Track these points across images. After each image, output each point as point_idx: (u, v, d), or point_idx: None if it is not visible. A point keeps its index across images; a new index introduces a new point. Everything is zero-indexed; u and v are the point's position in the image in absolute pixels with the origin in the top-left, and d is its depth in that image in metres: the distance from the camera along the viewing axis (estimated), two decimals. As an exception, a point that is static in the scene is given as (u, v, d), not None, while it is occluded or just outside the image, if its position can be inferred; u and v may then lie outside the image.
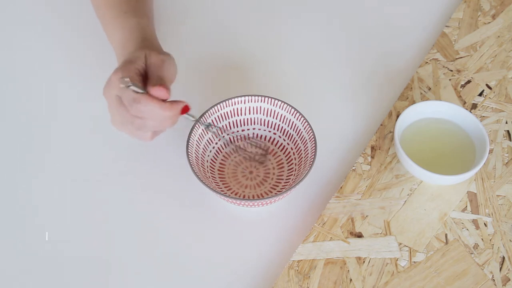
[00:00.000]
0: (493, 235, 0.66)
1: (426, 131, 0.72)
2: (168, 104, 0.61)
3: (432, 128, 0.72)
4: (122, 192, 0.71)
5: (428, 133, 0.72)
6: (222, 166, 0.72)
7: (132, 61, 0.63)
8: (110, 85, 0.62)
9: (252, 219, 0.69)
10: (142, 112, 0.61)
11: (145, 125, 0.62)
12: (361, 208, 0.68)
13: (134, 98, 0.60)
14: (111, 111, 0.64)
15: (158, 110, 0.61)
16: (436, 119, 0.72)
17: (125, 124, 0.63)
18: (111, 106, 0.64)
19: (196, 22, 0.87)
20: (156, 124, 0.63)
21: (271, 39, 0.85)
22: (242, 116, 0.73)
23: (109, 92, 0.63)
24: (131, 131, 0.64)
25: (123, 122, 0.63)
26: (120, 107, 0.62)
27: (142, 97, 0.60)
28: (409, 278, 0.63)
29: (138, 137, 0.65)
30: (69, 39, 0.84)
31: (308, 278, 0.64)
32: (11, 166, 0.74)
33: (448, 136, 0.71)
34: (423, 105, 0.72)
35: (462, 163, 0.68)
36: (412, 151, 0.68)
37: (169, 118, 0.62)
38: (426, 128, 0.72)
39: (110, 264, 0.66)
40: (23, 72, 0.82)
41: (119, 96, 0.62)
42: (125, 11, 0.71)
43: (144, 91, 0.61)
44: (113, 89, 0.62)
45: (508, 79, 0.78)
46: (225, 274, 0.65)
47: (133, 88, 0.60)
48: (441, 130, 0.72)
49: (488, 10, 0.85)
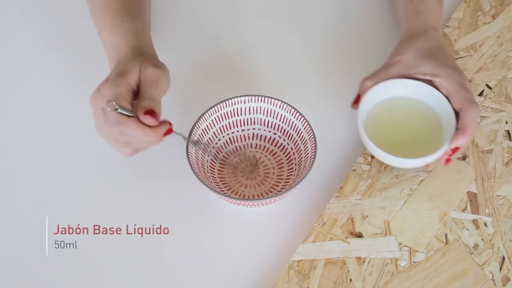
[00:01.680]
0: (493, 235, 0.66)
1: (393, 112, 0.69)
2: (152, 130, 0.61)
3: (398, 109, 0.69)
4: (122, 192, 0.71)
5: (395, 114, 0.69)
6: (222, 166, 0.72)
7: (125, 75, 0.62)
8: (97, 96, 0.62)
9: (252, 219, 0.69)
10: (123, 133, 0.61)
11: (127, 143, 0.63)
12: (361, 208, 0.68)
13: (117, 120, 0.60)
14: (96, 120, 0.64)
15: (141, 135, 0.60)
16: (403, 99, 0.69)
17: (108, 136, 0.63)
18: (95, 116, 0.63)
19: (196, 22, 0.86)
20: (138, 144, 0.63)
21: (271, 39, 0.85)
22: (242, 116, 0.73)
23: (95, 103, 0.62)
24: (112, 144, 0.64)
25: (106, 133, 0.63)
26: (104, 121, 0.62)
27: (125, 121, 0.60)
28: (409, 278, 0.63)
29: (118, 150, 0.65)
30: (69, 39, 0.84)
31: (308, 278, 0.64)
32: (11, 165, 0.74)
33: (416, 116, 0.69)
34: (388, 85, 0.68)
35: (430, 144, 0.66)
36: (377, 134, 0.67)
37: (152, 142, 0.62)
38: (392, 108, 0.69)
39: (109, 264, 0.66)
40: (23, 72, 0.82)
41: (104, 110, 0.61)
42: (121, 15, 0.70)
43: (132, 115, 0.60)
44: (100, 102, 0.61)
45: (508, 79, 0.78)
46: (225, 274, 0.65)
47: (120, 111, 0.59)
48: (409, 110, 0.69)
49: (488, 10, 0.85)
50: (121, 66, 0.63)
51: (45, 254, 0.66)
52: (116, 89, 0.60)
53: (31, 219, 0.69)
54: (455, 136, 0.63)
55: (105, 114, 0.61)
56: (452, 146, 0.63)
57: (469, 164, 0.71)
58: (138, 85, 0.63)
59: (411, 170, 0.70)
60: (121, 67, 0.63)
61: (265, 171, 0.72)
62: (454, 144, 0.63)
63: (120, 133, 0.61)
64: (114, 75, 0.62)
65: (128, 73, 0.62)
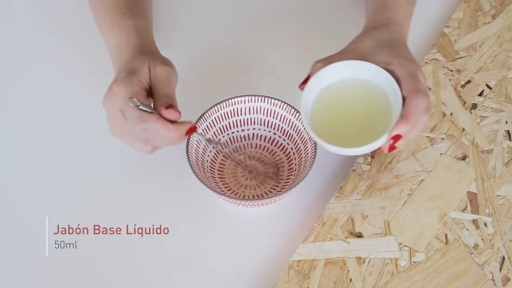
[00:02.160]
0: (493, 235, 0.66)
1: (342, 94, 0.66)
2: (174, 126, 0.60)
3: (348, 91, 0.66)
4: (122, 192, 0.71)
5: (344, 96, 0.66)
6: (222, 166, 0.72)
7: (135, 73, 0.61)
8: (111, 96, 0.61)
9: (252, 219, 0.69)
10: (146, 130, 0.60)
11: (149, 140, 0.62)
12: (361, 208, 0.68)
13: (139, 117, 0.59)
14: (111, 121, 0.63)
15: (164, 131, 0.60)
16: (353, 80, 0.65)
17: (126, 136, 0.63)
18: (111, 117, 0.62)
19: (196, 22, 0.86)
20: (159, 142, 0.62)
21: (271, 39, 0.85)
22: (242, 116, 0.73)
23: (111, 104, 0.61)
24: (132, 144, 0.63)
25: (123, 133, 0.63)
26: (123, 121, 0.61)
27: (148, 117, 0.59)
28: (409, 278, 0.63)
29: (138, 149, 0.64)
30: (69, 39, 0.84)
31: (308, 278, 0.64)
32: (11, 165, 0.74)
33: (365, 98, 0.65)
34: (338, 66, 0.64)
35: (380, 127, 0.62)
36: (325, 118, 0.65)
37: (174, 139, 0.61)
38: (341, 90, 0.66)
39: (109, 264, 0.66)
40: (23, 72, 0.82)
41: (121, 109, 0.60)
42: (123, 13, 0.69)
43: (153, 111, 0.59)
44: (116, 102, 0.60)
45: (508, 79, 0.78)
46: (225, 274, 0.65)
47: (141, 107, 0.59)
48: (359, 91, 0.65)
49: (488, 10, 0.85)
50: (129, 64, 0.63)
51: (45, 254, 0.66)
52: (131, 87, 0.60)
53: (31, 219, 0.69)
54: (397, 123, 0.60)
55: (124, 113, 0.60)
56: (393, 134, 0.60)
57: (469, 164, 0.71)
58: (149, 83, 0.62)
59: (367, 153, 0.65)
60: (130, 65, 0.63)
61: (265, 171, 0.72)
62: (395, 131, 0.60)
63: (143, 129, 0.60)
64: (124, 73, 0.61)
65: (139, 71, 0.61)
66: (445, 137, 0.73)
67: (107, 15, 0.70)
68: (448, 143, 0.73)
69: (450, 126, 0.74)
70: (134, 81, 0.60)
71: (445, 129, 0.74)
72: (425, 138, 0.73)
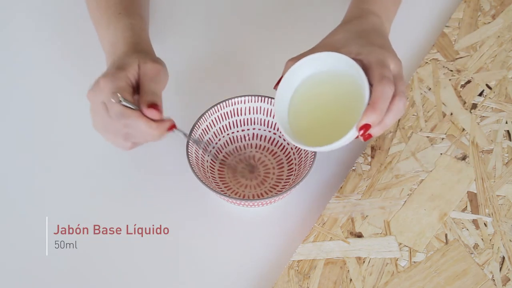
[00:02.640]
0: (493, 235, 0.66)
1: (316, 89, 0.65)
2: (156, 124, 0.60)
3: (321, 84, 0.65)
4: (122, 192, 0.71)
5: (318, 91, 0.65)
6: (222, 166, 0.72)
7: (124, 68, 0.61)
8: (96, 90, 0.61)
9: (252, 219, 0.69)
10: (127, 126, 0.60)
11: (129, 136, 0.62)
12: (361, 208, 0.68)
13: (122, 113, 0.59)
14: (94, 115, 0.63)
15: (145, 128, 0.60)
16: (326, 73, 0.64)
17: (107, 131, 0.63)
18: (94, 111, 0.63)
19: (196, 21, 0.86)
20: (140, 138, 0.62)
21: (272, 39, 0.85)
22: (242, 116, 0.73)
23: (95, 97, 0.61)
24: (112, 139, 0.63)
25: (105, 128, 0.63)
26: (105, 115, 0.61)
27: (131, 114, 0.59)
28: (409, 278, 0.63)
29: (117, 145, 0.64)
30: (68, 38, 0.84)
31: (308, 278, 0.64)
32: (11, 165, 0.74)
33: (340, 90, 0.64)
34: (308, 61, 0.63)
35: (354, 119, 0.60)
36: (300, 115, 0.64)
37: (154, 135, 0.62)
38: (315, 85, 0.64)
39: (109, 264, 0.66)
40: (23, 72, 0.82)
41: (105, 103, 0.60)
42: (119, 12, 0.69)
43: (136, 108, 0.60)
44: (100, 95, 0.61)
45: (508, 79, 0.78)
46: (225, 274, 0.65)
47: (124, 103, 0.59)
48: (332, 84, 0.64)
49: (488, 10, 0.85)
50: (119, 61, 0.63)
51: (45, 254, 0.66)
52: (117, 83, 0.60)
53: (31, 219, 0.69)
54: (364, 112, 0.58)
55: (107, 107, 0.60)
56: (361, 123, 0.59)
57: (469, 164, 0.71)
58: (137, 80, 0.62)
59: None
60: (119, 61, 0.63)
61: (265, 171, 0.72)
62: (364, 120, 0.58)
63: (124, 125, 0.60)
64: (113, 69, 0.62)
65: (127, 68, 0.61)
66: (445, 137, 0.73)
67: (103, 15, 0.70)
68: (448, 143, 0.73)
69: (450, 126, 0.74)
70: (121, 76, 0.60)
71: (445, 129, 0.74)
72: (425, 138, 0.73)
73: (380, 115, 0.59)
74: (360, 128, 0.59)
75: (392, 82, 0.60)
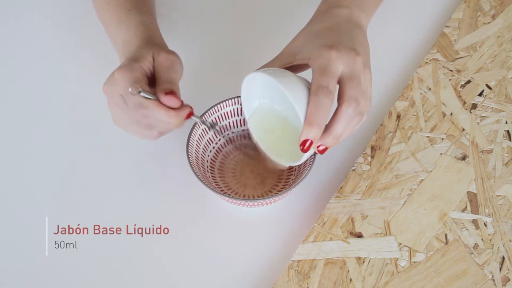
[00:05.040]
0: (493, 235, 0.66)
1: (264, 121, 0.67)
2: (175, 112, 0.60)
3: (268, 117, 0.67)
4: (122, 192, 0.71)
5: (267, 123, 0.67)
6: (222, 166, 0.72)
7: (138, 60, 0.61)
8: (113, 83, 0.60)
9: (252, 219, 0.69)
10: (146, 116, 0.60)
11: (151, 125, 0.61)
12: (361, 208, 0.68)
13: (140, 103, 0.59)
14: (113, 109, 0.62)
15: (164, 117, 0.59)
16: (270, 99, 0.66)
17: (128, 124, 0.62)
18: (112, 104, 0.62)
19: (197, 21, 0.86)
20: (161, 127, 0.62)
21: (272, 39, 0.85)
22: (242, 116, 0.73)
23: (111, 90, 0.61)
24: (136, 130, 0.63)
25: (126, 121, 0.62)
26: (124, 107, 0.60)
27: (149, 104, 0.59)
28: (409, 278, 0.63)
29: (143, 136, 0.63)
30: (68, 38, 0.84)
31: (308, 278, 0.64)
32: (11, 165, 0.74)
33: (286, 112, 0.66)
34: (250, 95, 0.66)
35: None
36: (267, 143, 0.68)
37: (174, 124, 0.61)
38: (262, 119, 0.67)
39: (109, 264, 0.66)
40: (23, 71, 0.82)
41: (122, 96, 0.60)
42: (129, 9, 0.69)
43: (154, 97, 0.59)
44: (117, 88, 0.60)
45: (508, 79, 0.78)
46: (225, 274, 0.65)
47: (143, 94, 0.58)
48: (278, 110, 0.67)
49: (488, 10, 0.85)
50: (134, 54, 0.63)
51: (45, 254, 0.66)
52: (132, 74, 0.59)
53: (31, 219, 0.69)
54: (302, 129, 0.57)
55: (125, 100, 0.60)
56: (300, 140, 0.57)
57: (469, 164, 0.71)
58: (152, 72, 0.62)
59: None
60: (133, 54, 0.63)
61: (265, 171, 0.72)
62: (303, 137, 0.57)
63: (143, 116, 0.60)
64: (127, 61, 0.61)
65: (141, 59, 0.61)
66: (445, 137, 0.73)
67: (114, 14, 0.70)
68: (448, 143, 0.73)
69: (450, 126, 0.74)
70: (135, 68, 0.60)
71: (445, 129, 0.74)
72: (425, 138, 0.73)
73: (318, 128, 0.57)
74: (300, 144, 0.57)
75: (328, 90, 0.57)
